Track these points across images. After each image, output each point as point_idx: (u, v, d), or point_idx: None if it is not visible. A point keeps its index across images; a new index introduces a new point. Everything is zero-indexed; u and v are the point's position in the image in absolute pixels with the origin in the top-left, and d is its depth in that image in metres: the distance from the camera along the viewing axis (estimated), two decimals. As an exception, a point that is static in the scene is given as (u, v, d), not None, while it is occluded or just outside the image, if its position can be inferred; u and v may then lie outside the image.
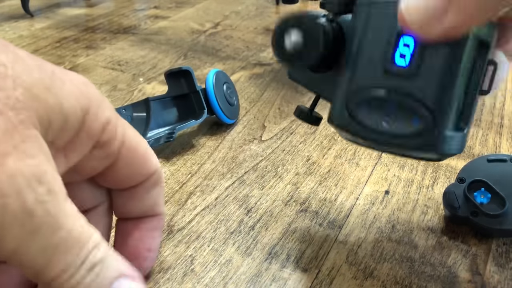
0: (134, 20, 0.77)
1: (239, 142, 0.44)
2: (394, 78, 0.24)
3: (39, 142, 0.19)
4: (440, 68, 0.23)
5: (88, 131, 0.23)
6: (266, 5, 0.83)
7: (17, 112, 0.18)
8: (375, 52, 0.24)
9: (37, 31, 0.72)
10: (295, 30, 0.25)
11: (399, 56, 0.23)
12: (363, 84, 0.25)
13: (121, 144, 0.25)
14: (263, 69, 0.59)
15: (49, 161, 0.20)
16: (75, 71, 0.58)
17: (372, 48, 0.24)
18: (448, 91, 0.23)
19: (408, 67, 0.23)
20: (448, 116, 0.23)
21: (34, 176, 0.18)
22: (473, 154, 0.42)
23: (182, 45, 0.66)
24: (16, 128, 0.18)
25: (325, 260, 0.31)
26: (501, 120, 0.47)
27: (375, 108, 0.24)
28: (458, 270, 0.30)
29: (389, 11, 0.23)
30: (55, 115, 0.20)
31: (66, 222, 0.19)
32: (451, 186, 0.34)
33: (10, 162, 0.18)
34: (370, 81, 0.24)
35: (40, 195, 0.18)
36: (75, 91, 0.22)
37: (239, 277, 0.30)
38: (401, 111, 0.24)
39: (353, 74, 0.25)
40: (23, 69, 0.19)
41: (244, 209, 0.36)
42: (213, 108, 0.44)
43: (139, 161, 0.27)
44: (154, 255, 0.29)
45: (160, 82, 0.55)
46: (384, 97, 0.24)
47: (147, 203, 0.29)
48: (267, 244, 0.32)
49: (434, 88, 0.23)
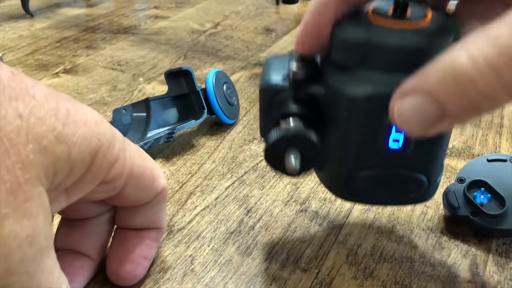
0: (134, 20, 0.77)
1: (239, 142, 0.44)
2: (390, 157, 0.25)
3: (41, 200, 0.20)
4: (431, 144, 0.25)
5: (95, 172, 0.23)
6: (266, 5, 0.83)
7: (26, 171, 0.19)
8: (368, 137, 0.25)
9: (37, 31, 0.72)
10: (291, 155, 0.25)
11: (392, 141, 0.24)
12: (360, 165, 0.26)
13: (128, 176, 0.25)
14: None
15: (47, 218, 0.20)
16: (75, 71, 0.59)
17: (365, 134, 0.25)
18: (438, 157, 0.26)
19: (402, 148, 0.24)
20: (438, 172, 0.26)
21: (27, 238, 0.19)
22: (473, 154, 0.42)
23: (182, 45, 0.66)
24: (21, 187, 0.19)
25: (325, 260, 0.31)
26: (501, 120, 0.47)
27: (375, 182, 0.26)
28: (458, 270, 0.30)
29: (373, 101, 0.23)
30: (63, 165, 0.21)
31: (40, 278, 0.20)
32: (451, 186, 0.34)
33: (7, 225, 0.18)
34: (367, 162, 0.26)
35: (26, 256, 0.19)
36: (87, 134, 0.22)
37: (239, 277, 0.30)
38: (399, 181, 0.26)
39: (348, 156, 0.26)
40: (38, 118, 0.20)
41: (244, 209, 0.36)
42: (213, 108, 0.44)
43: (146, 185, 0.27)
44: (148, 264, 0.30)
45: (160, 82, 0.55)
46: (382, 174, 0.26)
47: (150, 218, 0.29)
48: (267, 244, 0.32)
49: (427, 158, 0.25)
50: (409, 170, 0.25)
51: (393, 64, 0.22)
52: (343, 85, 0.24)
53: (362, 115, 0.24)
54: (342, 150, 0.26)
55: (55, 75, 0.57)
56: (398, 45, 0.22)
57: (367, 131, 0.24)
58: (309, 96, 0.26)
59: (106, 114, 0.49)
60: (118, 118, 0.42)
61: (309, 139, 0.24)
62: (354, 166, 0.26)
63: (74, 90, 0.54)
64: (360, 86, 0.23)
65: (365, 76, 0.23)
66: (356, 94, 0.23)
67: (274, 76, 0.27)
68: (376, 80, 0.23)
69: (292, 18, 0.77)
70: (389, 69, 0.22)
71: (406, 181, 0.26)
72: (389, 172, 0.26)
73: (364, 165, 0.26)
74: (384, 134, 0.24)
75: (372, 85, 0.23)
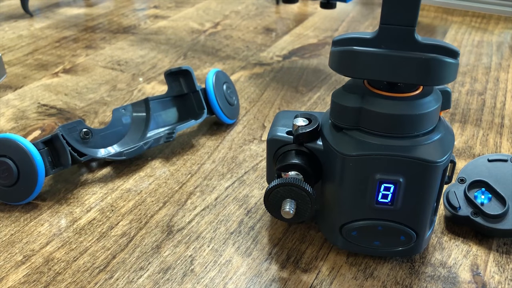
0: (133, 20, 0.77)
1: (239, 142, 0.44)
2: (380, 211, 0.28)
3: None
4: (417, 199, 0.27)
5: None
6: (266, 4, 0.83)
7: None
8: (359, 192, 0.28)
9: (37, 30, 0.72)
10: (286, 202, 0.28)
11: (381, 196, 0.27)
12: (352, 217, 0.28)
13: None
14: (263, 69, 0.59)
15: None
16: (74, 70, 0.59)
17: (356, 189, 0.28)
18: (425, 212, 0.28)
19: (391, 203, 0.27)
20: (426, 226, 0.28)
21: None
22: (474, 154, 0.42)
23: (182, 45, 0.66)
24: None
25: (325, 260, 0.31)
26: (501, 120, 0.47)
27: (367, 232, 0.29)
28: (458, 270, 0.30)
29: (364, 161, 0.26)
30: None
31: None
32: (452, 186, 0.34)
33: None
34: (359, 215, 0.28)
35: None
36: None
37: (239, 277, 0.30)
38: (389, 233, 0.28)
39: (341, 208, 0.29)
40: None
41: (244, 209, 0.36)
42: (213, 108, 0.44)
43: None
44: None
45: (160, 82, 0.55)
46: (373, 226, 0.28)
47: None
48: (267, 244, 0.32)
49: (415, 214, 0.28)
50: (398, 224, 0.28)
51: (382, 128, 0.26)
52: (338, 144, 0.27)
53: (353, 172, 0.27)
54: (337, 203, 0.29)
55: (54, 75, 0.57)
56: (386, 112, 0.25)
57: (358, 187, 0.27)
58: (310, 151, 0.29)
59: (105, 114, 0.49)
60: (118, 117, 0.42)
61: (304, 190, 0.27)
62: (347, 217, 0.29)
63: (73, 90, 0.54)
64: (353, 146, 0.26)
65: (358, 137, 0.27)
66: (349, 153, 0.26)
67: (279, 130, 0.31)
68: (367, 141, 0.26)
69: (292, 17, 0.77)
70: (380, 132, 0.26)
71: (396, 233, 0.29)
72: (379, 224, 0.28)
73: (356, 217, 0.29)
74: (373, 189, 0.27)
75: (363, 145, 0.26)
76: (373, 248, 0.30)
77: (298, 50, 0.64)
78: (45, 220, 0.35)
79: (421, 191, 0.27)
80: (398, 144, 0.25)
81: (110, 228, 0.34)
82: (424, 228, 0.28)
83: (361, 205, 0.28)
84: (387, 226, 0.28)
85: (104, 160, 0.41)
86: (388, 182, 0.26)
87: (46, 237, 0.33)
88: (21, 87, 0.55)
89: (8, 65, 0.60)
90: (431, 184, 0.26)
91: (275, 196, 0.28)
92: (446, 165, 0.27)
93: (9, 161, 0.35)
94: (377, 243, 0.29)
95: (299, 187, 0.27)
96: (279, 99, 0.51)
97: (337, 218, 0.29)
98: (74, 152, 0.37)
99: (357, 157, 0.26)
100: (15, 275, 0.30)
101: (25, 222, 0.35)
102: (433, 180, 0.26)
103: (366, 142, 0.26)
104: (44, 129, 0.46)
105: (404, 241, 0.29)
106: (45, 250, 0.32)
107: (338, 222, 0.29)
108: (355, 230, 0.29)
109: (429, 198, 0.27)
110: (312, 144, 0.29)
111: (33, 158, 0.35)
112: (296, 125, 0.29)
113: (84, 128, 0.39)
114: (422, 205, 0.27)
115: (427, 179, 0.26)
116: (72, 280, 0.30)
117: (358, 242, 0.29)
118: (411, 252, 0.30)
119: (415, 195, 0.27)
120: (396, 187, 0.26)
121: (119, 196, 0.37)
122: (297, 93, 0.52)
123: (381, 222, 0.28)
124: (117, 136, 0.42)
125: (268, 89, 0.54)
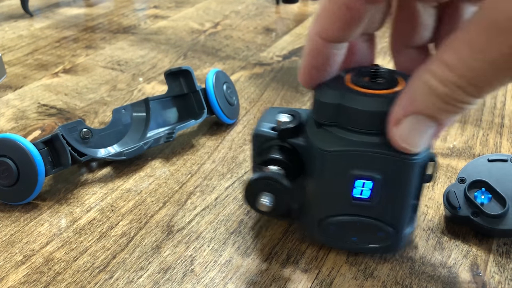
0: (133, 20, 0.77)
1: (239, 142, 0.44)
2: (357, 207, 0.28)
3: None
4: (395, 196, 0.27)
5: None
6: (266, 4, 0.83)
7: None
8: (337, 187, 0.28)
9: (37, 31, 0.72)
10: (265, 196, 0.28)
11: (359, 192, 0.27)
12: (331, 212, 0.29)
13: None
14: (263, 69, 0.59)
15: None
16: (74, 70, 0.59)
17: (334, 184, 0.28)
18: (402, 209, 0.28)
19: (369, 199, 0.28)
20: (404, 223, 0.29)
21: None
22: (474, 154, 0.42)
23: (182, 45, 0.66)
24: None
25: (325, 260, 0.31)
26: (501, 120, 0.47)
27: (345, 228, 0.29)
28: (458, 271, 0.30)
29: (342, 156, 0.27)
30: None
31: None
32: (452, 186, 0.34)
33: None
34: (338, 210, 0.29)
35: None
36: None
37: (239, 277, 0.30)
38: (367, 229, 0.29)
39: (320, 203, 0.29)
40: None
41: (244, 209, 0.36)
42: (213, 108, 0.44)
43: None
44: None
45: (160, 82, 0.55)
46: (351, 221, 0.29)
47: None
48: (267, 244, 0.32)
49: (394, 210, 0.28)
50: (375, 220, 0.28)
51: (361, 125, 0.26)
52: (317, 139, 0.28)
53: (331, 168, 0.27)
54: (315, 198, 0.29)
55: (54, 75, 0.57)
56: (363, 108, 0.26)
57: (336, 182, 0.28)
58: (292, 146, 0.30)
59: (105, 114, 0.49)
60: (118, 118, 0.42)
61: (282, 183, 0.28)
62: (325, 212, 0.29)
63: (73, 90, 0.54)
64: (332, 142, 0.27)
65: (337, 133, 0.27)
66: (327, 148, 0.27)
67: (265, 125, 0.31)
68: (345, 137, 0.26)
69: (292, 18, 0.77)
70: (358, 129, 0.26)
71: (374, 230, 0.29)
72: (356, 220, 0.29)
73: (334, 212, 0.29)
74: (351, 185, 0.27)
75: (342, 141, 0.26)
76: (350, 243, 0.30)
77: (298, 50, 0.64)
78: (45, 220, 0.35)
79: (398, 188, 0.27)
80: (375, 141, 0.26)
81: (110, 228, 0.34)
82: (402, 225, 0.29)
83: (339, 201, 0.28)
84: (365, 222, 0.28)
85: (104, 160, 0.41)
86: (365, 178, 0.27)
87: (46, 237, 0.33)
88: (21, 87, 0.55)
89: (8, 65, 0.60)
90: (407, 180, 0.27)
91: (252, 189, 0.28)
92: (424, 162, 0.27)
93: (9, 161, 0.35)
94: (354, 239, 0.30)
95: (276, 180, 0.27)
96: (279, 99, 0.51)
97: (315, 214, 0.30)
98: (74, 152, 0.37)
99: (335, 153, 0.27)
100: (15, 275, 0.30)
101: (25, 222, 0.35)
102: (410, 176, 0.27)
103: (344, 138, 0.26)
104: (44, 129, 0.46)
105: (381, 238, 0.29)
106: (45, 250, 0.32)
107: (317, 216, 0.30)
108: (333, 225, 0.29)
109: (406, 194, 0.27)
110: (295, 140, 0.29)
111: (33, 158, 0.35)
112: (279, 121, 0.30)
113: (84, 128, 0.39)
114: (400, 202, 0.28)
115: (403, 176, 0.27)
116: (72, 280, 0.30)
117: (336, 237, 0.30)
118: (389, 250, 0.30)
119: (392, 192, 0.27)
120: (373, 183, 0.27)
121: (119, 196, 0.37)
122: (297, 93, 0.52)
123: (359, 218, 0.28)
124: (117, 136, 0.42)
125: (268, 89, 0.54)
